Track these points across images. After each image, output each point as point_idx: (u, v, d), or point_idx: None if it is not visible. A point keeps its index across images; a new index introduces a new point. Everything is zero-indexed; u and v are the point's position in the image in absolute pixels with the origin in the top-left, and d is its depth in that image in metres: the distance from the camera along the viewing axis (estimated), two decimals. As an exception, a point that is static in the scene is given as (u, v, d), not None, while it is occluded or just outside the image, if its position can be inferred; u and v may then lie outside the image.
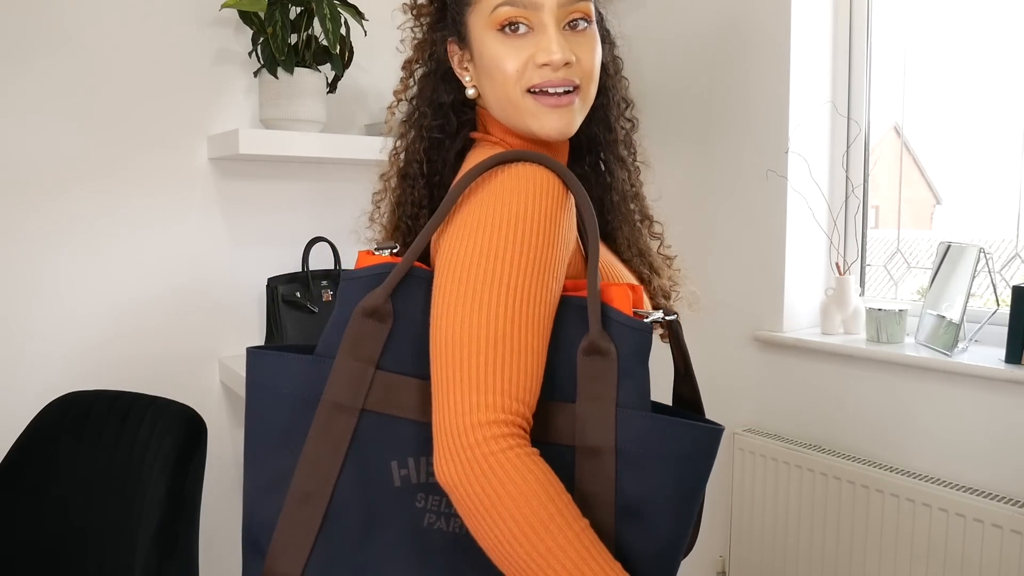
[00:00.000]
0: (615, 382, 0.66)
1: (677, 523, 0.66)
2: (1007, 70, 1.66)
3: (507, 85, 0.76)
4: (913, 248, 1.92)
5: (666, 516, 0.66)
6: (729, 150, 1.99)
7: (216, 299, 1.72)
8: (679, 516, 0.66)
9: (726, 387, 2.05)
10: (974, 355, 1.58)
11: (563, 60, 0.74)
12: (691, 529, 0.69)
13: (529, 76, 0.75)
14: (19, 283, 1.51)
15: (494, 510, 0.59)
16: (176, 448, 1.26)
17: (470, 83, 0.82)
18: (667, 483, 0.65)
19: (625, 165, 0.90)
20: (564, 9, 0.75)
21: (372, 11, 1.84)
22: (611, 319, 0.67)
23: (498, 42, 0.76)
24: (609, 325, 0.67)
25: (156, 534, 1.17)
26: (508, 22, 0.75)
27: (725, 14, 1.96)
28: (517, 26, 0.75)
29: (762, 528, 1.89)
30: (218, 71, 1.69)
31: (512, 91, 0.76)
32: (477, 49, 0.79)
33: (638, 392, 0.67)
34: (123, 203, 1.60)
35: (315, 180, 1.83)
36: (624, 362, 0.66)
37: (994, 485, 1.54)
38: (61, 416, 1.38)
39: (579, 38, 0.77)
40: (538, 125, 0.76)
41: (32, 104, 1.49)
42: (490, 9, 0.75)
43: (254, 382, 0.71)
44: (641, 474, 0.65)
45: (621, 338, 0.67)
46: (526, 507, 0.59)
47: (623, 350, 0.67)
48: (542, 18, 0.75)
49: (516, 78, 0.76)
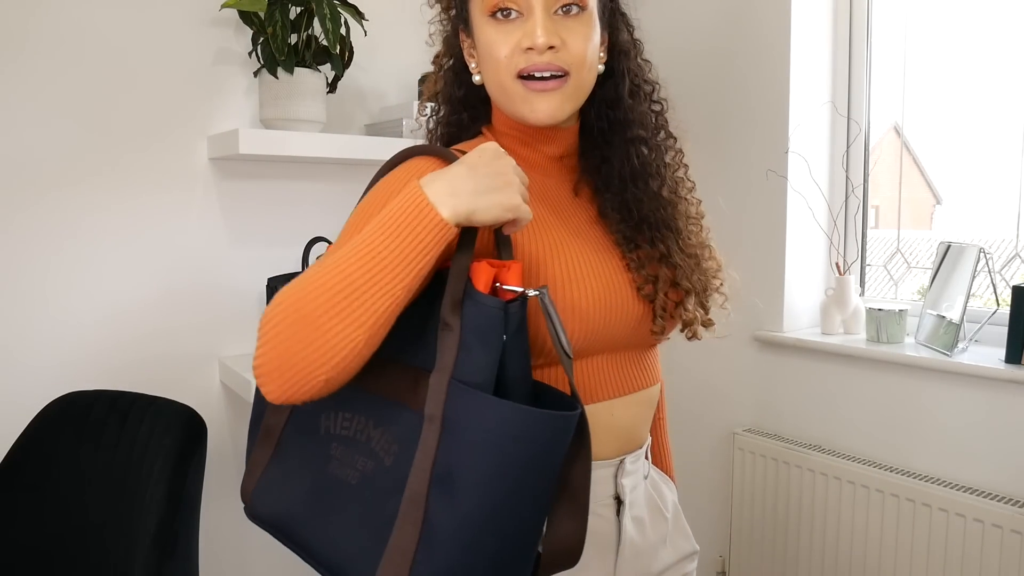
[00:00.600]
0: (454, 355, 0.66)
1: (483, 501, 0.63)
2: (1007, 70, 1.66)
3: (499, 71, 0.78)
4: (913, 248, 1.92)
5: (472, 491, 0.63)
6: (729, 150, 1.99)
7: (216, 299, 1.72)
8: (489, 495, 0.63)
9: (726, 387, 2.05)
10: (974, 355, 1.58)
11: (546, 44, 0.75)
12: (527, 522, 0.66)
13: (516, 61, 0.77)
14: (19, 283, 1.51)
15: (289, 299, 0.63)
16: (176, 448, 1.26)
17: (476, 70, 0.84)
18: (480, 459, 0.63)
19: (647, 145, 0.88)
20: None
21: (372, 11, 1.84)
22: (467, 295, 0.67)
23: (491, 27, 0.78)
24: (465, 301, 0.67)
25: (156, 534, 1.17)
26: (499, 7, 0.77)
27: (725, 14, 1.96)
28: (509, 11, 0.77)
29: (762, 528, 1.89)
30: (218, 71, 1.69)
31: (504, 76, 0.78)
32: (476, 36, 0.81)
33: (476, 367, 0.66)
34: (123, 203, 1.60)
35: (315, 180, 1.83)
36: (465, 336, 0.66)
37: (994, 485, 1.54)
38: (61, 416, 1.38)
39: (570, 23, 0.78)
40: (528, 110, 0.78)
41: (32, 104, 1.49)
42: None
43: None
44: (458, 446, 0.64)
45: (469, 314, 0.66)
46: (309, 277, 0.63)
47: (466, 325, 0.66)
48: (531, 2, 0.76)
49: (506, 64, 0.77)
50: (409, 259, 0.62)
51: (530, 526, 0.67)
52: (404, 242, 0.62)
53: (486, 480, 0.63)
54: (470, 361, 0.66)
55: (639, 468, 0.89)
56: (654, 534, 0.91)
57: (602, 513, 0.85)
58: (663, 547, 0.92)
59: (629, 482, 0.87)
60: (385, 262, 0.62)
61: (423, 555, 0.64)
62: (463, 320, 0.67)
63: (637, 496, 0.89)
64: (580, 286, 0.78)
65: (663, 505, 0.94)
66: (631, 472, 0.87)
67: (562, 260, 0.79)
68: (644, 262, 0.84)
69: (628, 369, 0.86)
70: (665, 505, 0.94)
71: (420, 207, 0.63)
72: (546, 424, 0.64)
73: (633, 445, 0.87)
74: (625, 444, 0.86)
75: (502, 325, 0.67)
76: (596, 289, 0.79)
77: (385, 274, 0.62)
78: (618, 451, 0.85)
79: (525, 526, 0.66)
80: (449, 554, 0.64)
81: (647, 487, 0.92)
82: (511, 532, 0.65)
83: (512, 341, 0.67)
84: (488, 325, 0.66)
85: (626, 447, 0.86)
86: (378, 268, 0.62)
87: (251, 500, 0.80)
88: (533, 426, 0.63)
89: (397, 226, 0.62)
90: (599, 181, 0.87)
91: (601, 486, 0.84)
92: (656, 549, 0.91)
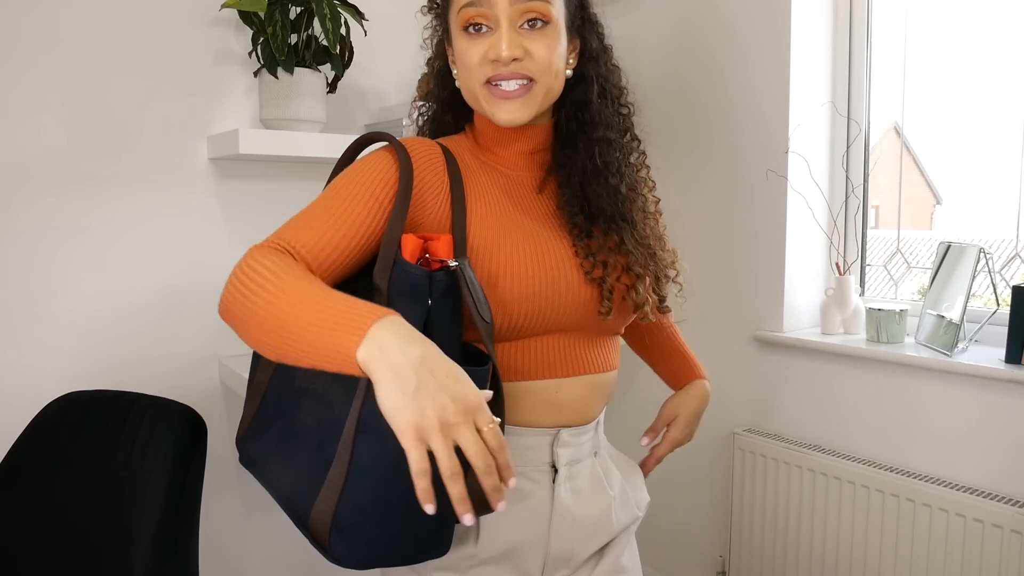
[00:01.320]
0: None
1: (398, 445, 0.67)
2: (1007, 70, 1.66)
3: (470, 78, 0.88)
4: (913, 248, 1.92)
5: (389, 436, 0.66)
6: (729, 150, 1.99)
7: (216, 299, 1.72)
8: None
9: (726, 387, 2.05)
10: (974, 355, 1.58)
11: (510, 56, 0.84)
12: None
13: (484, 69, 0.86)
14: (19, 283, 1.51)
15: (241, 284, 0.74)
16: (176, 448, 1.26)
17: (456, 76, 0.93)
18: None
19: (612, 146, 0.95)
20: (516, 8, 0.85)
21: (372, 11, 1.84)
22: (395, 263, 0.77)
23: (464, 39, 0.87)
24: (394, 268, 0.77)
25: (156, 534, 1.17)
26: (471, 22, 0.86)
27: (725, 14, 1.96)
28: (480, 26, 0.86)
29: (762, 528, 1.89)
30: (218, 71, 1.69)
31: (474, 84, 0.87)
32: (454, 46, 0.90)
33: None
34: (123, 203, 1.60)
35: (315, 180, 1.83)
36: (391, 297, 0.76)
37: (994, 485, 1.54)
38: (61, 416, 1.38)
39: (535, 35, 0.86)
40: (491, 113, 0.87)
41: (32, 104, 1.49)
42: (458, 9, 0.87)
43: None
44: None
45: (394, 278, 0.77)
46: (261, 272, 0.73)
47: (392, 288, 0.76)
48: (498, 16, 0.85)
49: (476, 71, 0.86)
50: (316, 350, 0.68)
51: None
52: (321, 337, 0.67)
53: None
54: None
55: (584, 443, 0.96)
56: (595, 508, 0.96)
57: (536, 478, 0.92)
58: (607, 523, 0.97)
59: (566, 453, 0.93)
60: (304, 338, 0.69)
61: (349, 491, 0.73)
62: (390, 284, 0.77)
63: (579, 470, 0.95)
64: (525, 271, 0.86)
65: (608, 482, 0.99)
66: (569, 444, 0.94)
67: (509, 246, 0.87)
68: (596, 250, 0.92)
69: (578, 352, 0.93)
70: (610, 482, 1.00)
71: (354, 329, 0.66)
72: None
73: (575, 421, 0.94)
74: (565, 418, 0.93)
75: (426, 290, 0.76)
76: (540, 274, 0.87)
77: (299, 344, 0.69)
78: (556, 423, 0.92)
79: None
80: (370, 491, 0.73)
81: (594, 464, 0.98)
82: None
83: (437, 305, 0.77)
84: (411, 290, 0.76)
85: (565, 421, 0.93)
86: (297, 335, 0.69)
87: (242, 446, 0.91)
88: None
89: (330, 319, 0.67)
90: (563, 176, 0.94)
91: (537, 452, 0.92)
92: (599, 525, 0.96)
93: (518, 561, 0.91)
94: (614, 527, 0.99)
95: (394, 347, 0.64)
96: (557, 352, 0.91)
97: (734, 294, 2.01)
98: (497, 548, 0.90)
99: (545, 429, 0.92)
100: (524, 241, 0.89)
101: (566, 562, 0.95)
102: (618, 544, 1.01)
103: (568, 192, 0.93)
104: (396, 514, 0.73)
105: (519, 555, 0.91)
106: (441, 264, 0.78)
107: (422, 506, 0.64)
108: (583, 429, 0.96)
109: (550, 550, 0.93)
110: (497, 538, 0.89)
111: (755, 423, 1.99)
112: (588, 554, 0.97)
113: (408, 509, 0.70)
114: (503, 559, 0.91)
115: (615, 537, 1.00)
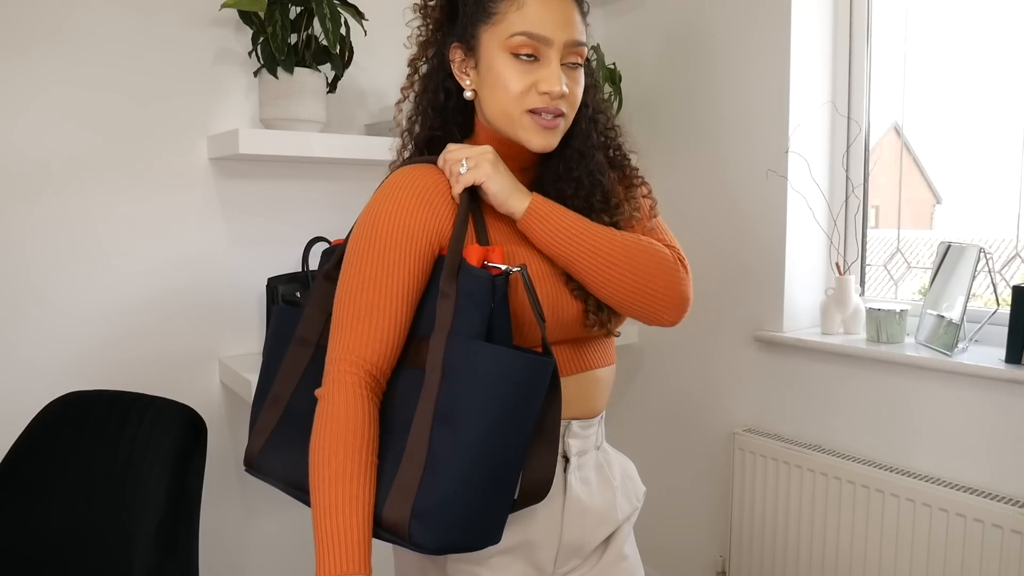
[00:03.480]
0: (451, 316, 0.84)
1: (479, 429, 0.79)
2: (1007, 70, 1.66)
3: (508, 101, 0.91)
4: (913, 248, 1.92)
5: (469, 421, 0.79)
6: (729, 150, 1.99)
7: (216, 299, 1.72)
8: (483, 423, 0.79)
9: (726, 387, 2.05)
10: (974, 355, 1.58)
11: (561, 93, 0.90)
12: (513, 453, 0.81)
13: (531, 99, 0.90)
14: (19, 283, 1.50)
15: (321, 419, 0.84)
16: (176, 448, 1.26)
17: (470, 87, 0.95)
18: (475, 396, 0.80)
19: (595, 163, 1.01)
20: (568, 50, 0.91)
21: (372, 11, 1.84)
22: (462, 269, 0.85)
23: (509, 63, 0.90)
24: (460, 274, 0.85)
25: (156, 534, 1.17)
26: (523, 50, 0.89)
27: (725, 14, 1.96)
28: (531, 55, 0.89)
29: (762, 528, 1.89)
30: (218, 71, 1.69)
31: (512, 107, 0.91)
32: (486, 62, 0.91)
33: (470, 325, 0.83)
34: (123, 203, 1.60)
35: (315, 180, 1.83)
36: (460, 300, 0.84)
37: (994, 485, 1.54)
38: (61, 416, 1.38)
39: (572, 74, 0.93)
40: (527, 138, 0.92)
41: (32, 104, 1.49)
42: (508, 34, 0.89)
43: (273, 325, 1.02)
44: (456, 387, 0.81)
45: (463, 283, 0.84)
46: (332, 428, 0.82)
47: (461, 291, 0.84)
48: (550, 53, 0.90)
49: (518, 98, 0.90)
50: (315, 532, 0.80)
51: (515, 458, 0.82)
52: (315, 533, 0.80)
53: (480, 410, 0.79)
54: (464, 321, 0.83)
55: (590, 435, 1.01)
56: (600, 498, 1.01)
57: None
58: (612, 511, 1.03)
59: (576, 444, 0.98)
60: (314, 513, 0.81)
61: (428, 483, 0.79)
62: (458, 288, 0.84)
63: (586, 460, 1.01)
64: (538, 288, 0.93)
65: (611, 473, 1.05)
66: (578, 435, 0.99)
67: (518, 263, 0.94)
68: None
69: (579, 354, 0.99)
70: (612, 474, 1.05)
71: (325, 565, 0.77)
72: (526, 365, 0.81)
73: (583, 414, 0.99)
74: (575, 411, 0.98)
75: (491, 293, 0.84)
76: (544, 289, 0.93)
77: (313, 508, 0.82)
78: (567, 415, 0.98)
79: (511, 457, 0.81)
80: (452, 479, 0.79)
81: (598, 456, 1.04)
82: (500, 460, 0.80)
83: (498, 308, 0.84)
84: (479, 291, 0.84)
85: (575, 414, 0.98)
86: (313, 505, 0.82)
87: (257, 459, 0.96)
88: (516, 366, 0.80)
89: (320, 534, 0.79)
90: (552, 189, 0.99)
91: None
92: (605, 513, 1.02)
93: (533, 552, 0.95)
94: (618, 516, 1.04)
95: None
96: (560, 355, 0.97)
97: (734, 294, 2.01)
98: (515, 538, 0.93)
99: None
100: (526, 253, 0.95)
101: (577, 551, 0.99)
102: (620, 534, 1.06)
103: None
104: (475, 499, 0.79)
105: (535, 545, 0.95)
106: (499, 270, 0.85)
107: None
108: (590, 422, 1.01)
109: (563, 540, 0.97)
110: (515, 527, 0.93)
111: (755, 423, 1.99)
112: (596, 543, 1.01)
113: (484, 493, 0.80)
114: (519, 550, 0.94)
115: (619, 527, 1.05)
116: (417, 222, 0.88)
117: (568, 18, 0.90)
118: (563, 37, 0.89)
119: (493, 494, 0.81)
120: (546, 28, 0.88)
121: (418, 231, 0.88)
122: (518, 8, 0.88)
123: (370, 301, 0.86)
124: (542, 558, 0.96)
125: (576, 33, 0.91)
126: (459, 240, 0.87)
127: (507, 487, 0.82)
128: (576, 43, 0.91)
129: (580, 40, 0.91)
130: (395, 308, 0.86)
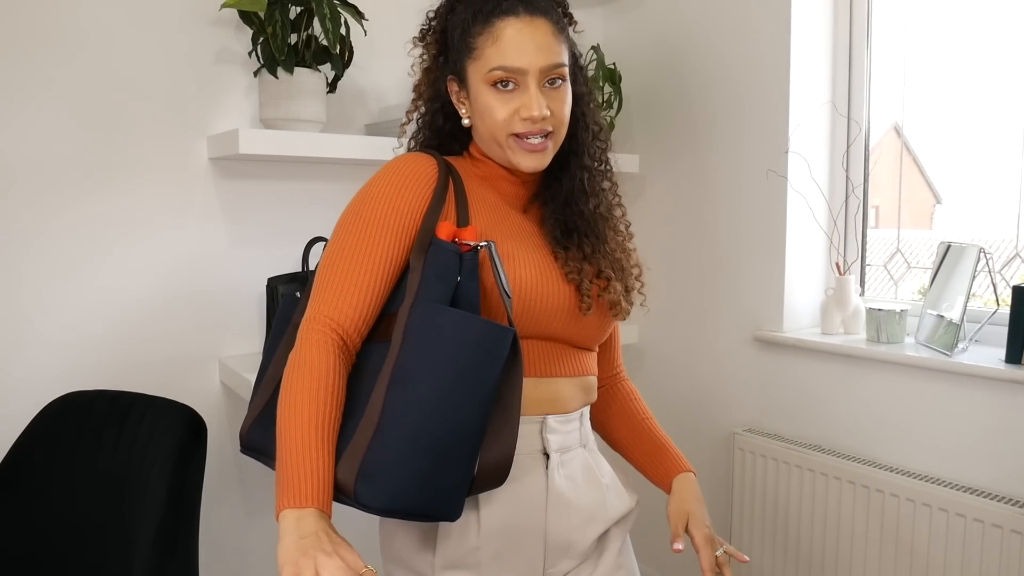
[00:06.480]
0: (416, 287, 0.87)
1: (429, 387, 0.81)
2: (1007, 70, 1.66)
3: (495, 128, 0.97)
4: (913, 248, 1.92)
5: (420, 378, 0.81)
6: (729, 150, 1.99)
7: (216, 299, 1.72)
8: (434, 382, 0.81)
9: (726, 387, 2.05)
10: (974, 355, 1.58)
11: (540, 116, 0.95)
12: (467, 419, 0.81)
13: (514, 125, 0.96)
14: (19, 283, 1.51)
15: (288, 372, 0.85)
16: (176, 448, 1.26)
17: (466, 115, 1.02)
18: (428, 356, 0.82)
19: (591, 173, 1.07)
20: (544, 74, 0.95)
21: (372, 11, 1.84)
22: (432, 244, 0.89)
23: (491, 95, 0.96)
24: (429, 248, 0.89)
25: (156, 534, 1.17)
26: (499, 81, 0.95)
27: (725, 14, 1.96)
28: (507, 83, 0.95)
29: (762, 528, 1.89)
30: (218, 71, 1.69)
31: (499, 133, 0.97)
32: (473, 94, 0.98)
33: (433, 296, 0.87)
34: (123, 203, 1.60)
35: (315, 180, 1.83)
36: (426, 272, 0.88)
37: (994, 485, 1.54)
38: (61, 416, 1.38)
39: (555, 93, 0.97)
40: (517, 161, 0.98)
41: (32, 103, 1.49)
42: (487, 69, 0.95)
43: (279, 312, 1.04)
44: (412, 348, 0.83)
45: (431, 256, 0.89)
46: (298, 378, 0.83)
47: (428, 264, 0.88)
48: (527, 80, 0.94)
49: (503, 125, 0.96)
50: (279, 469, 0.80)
51: (470, 426, 0.82)
52: (279, 470, 0.80)
53: (431, 368, 0.81)
54: (428, 291, 0.87)
55: (571, 432, 1.02)
56: (588, 496, 1.01)
57: (530, 465, 0.98)
58: (601, 509, 1.03)
59: (555, 439, 1.00)
60: (279, 453, 0.81)
61: (377, 442, 0.80)
62: (425, 261, 0.88)
63: (571, 458, 1.02)
64: (519, 272, 0.96)
65: (600, 472, 1.05)
66: (557, 430, 1.00)
67: (506, 249, 0.97)
68: (570, 258, 1.02)
69: (557, 358, 1.01)
70: (602, 473, 1.06)
71: (284, 497, 0.77)
72: (483, 328, 0.83)
73: (558, 409, 1.01)
74: (549, 407, 1.00)
75: (457, 266, 0.89)
76: (531, 274, 0.96)
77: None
78: (541, 411, 0.99)
79: (465, 423, 0.81)
80: (399, 438, 0.79)
81: (585, 455, 1.04)
82: (453, 424, 0.81)
83: (464, 282, 0.88)
84: (445, 264, 0.88)
85: (550, 409, 1.00)
86: (278, 445, 0.82)
87: (247, 437, 0.96)
88: (473, 329, 0.82)
89: (283, 471, 0.78)
90: (547, 197, 1.06)
91: (527, 440, 0.97)
92: (594, 511, 1.02)
93: (521, 550, 0.96)
94: (609, 514, 1.04)
95: (297, 537, 0.74)
96: (538, 355, 0.99)
97: (734, 294, 2.01)
98: (497, 535, 0.94)
99: (532, 417, 0.98)
100: (516, 247, 0.98)
101: (566, 551, 0.99)
102: (615, 539, 1.06)
103: (550, 213, 1.05)
104: (423, 460, 0.79)
105: (520, 542, 0.96)
106: (469, 248, 0.89)
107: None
108: (568, 417, 1.02)
109: (548, 536, 0.97)
110: (497, 522, 0.94)
111: (755, 423, 1.99)
112: (587, 543, 1.01)
113: (434, 455, 0.80)
114: (507, 552, 0.95)
115: (611, 528, 1.05)
116: (403, 198, 0.93)
117: (541, 43, 0.94)
118: (538, 64, 0.94)
119: (445, 460, 0.80)
120: (521, 59, 0.93)
121: (403, 207, 0.92)
122: (493, 42, 0.94)
123: (347, 269, 0.89)
124: (532, 557, 0.97)
125: (551, 57, 0.95)
126: (433, 217, 0.92)
127: (461, 456, 0.82)
128: (552, 66, 0.95)
129: (556, 63, 0.95)
130: (371, 277, 0.89)
